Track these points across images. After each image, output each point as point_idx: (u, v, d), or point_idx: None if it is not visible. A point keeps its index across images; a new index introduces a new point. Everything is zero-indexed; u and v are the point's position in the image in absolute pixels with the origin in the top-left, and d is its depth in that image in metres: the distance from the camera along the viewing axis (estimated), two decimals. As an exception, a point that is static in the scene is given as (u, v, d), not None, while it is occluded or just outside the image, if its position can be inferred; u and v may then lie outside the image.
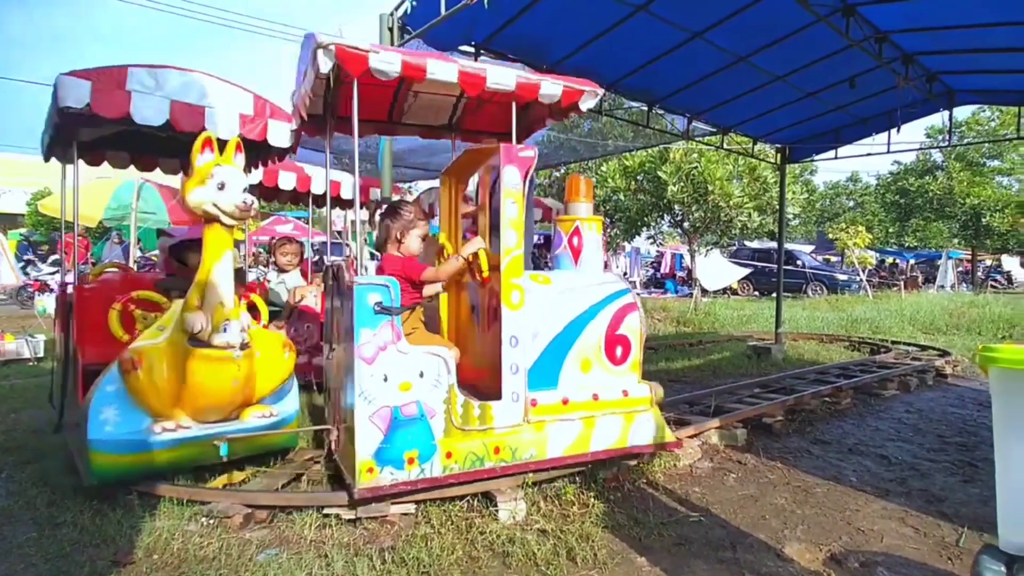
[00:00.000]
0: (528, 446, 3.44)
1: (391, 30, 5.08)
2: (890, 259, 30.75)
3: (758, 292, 22.70)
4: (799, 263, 23.00)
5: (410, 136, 4.94)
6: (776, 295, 10.15)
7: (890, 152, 8.82)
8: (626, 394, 3.76)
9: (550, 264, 4.11)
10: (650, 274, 26.98)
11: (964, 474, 4.08)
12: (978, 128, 26.35)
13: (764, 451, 4.49)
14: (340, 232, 13.18)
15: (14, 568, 2.72)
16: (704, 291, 19.03)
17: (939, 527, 3.26)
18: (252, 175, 6.41)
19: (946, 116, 8.42)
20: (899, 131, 8.30)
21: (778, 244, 10.20)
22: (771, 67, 6.46)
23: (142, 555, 2.82)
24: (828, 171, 54.31)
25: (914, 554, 2.96)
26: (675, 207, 15.22)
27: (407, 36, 5.07)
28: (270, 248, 5.51)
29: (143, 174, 6.94)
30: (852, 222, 26.95)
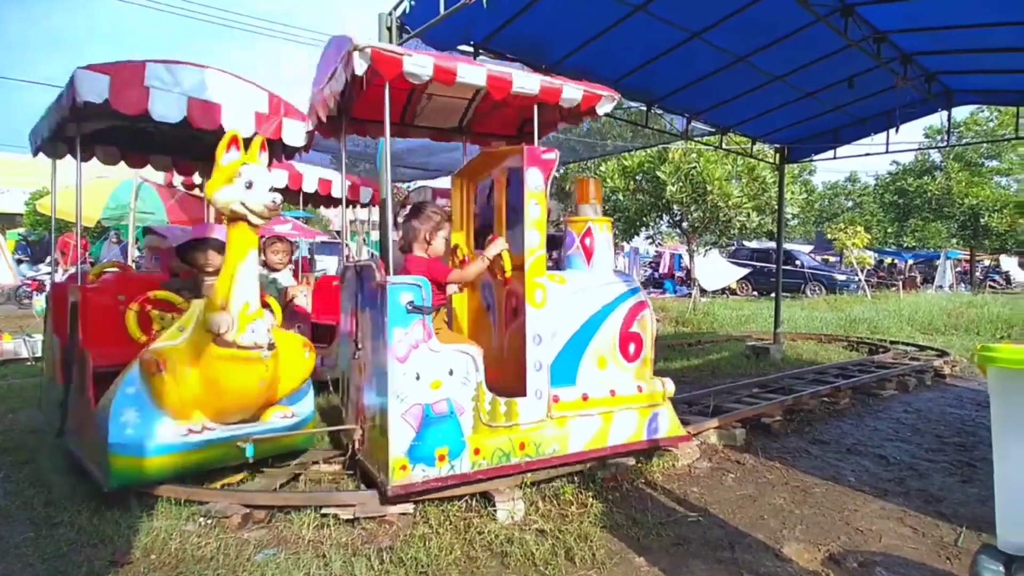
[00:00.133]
0: (551, 441, 3.55)
1: (390, 29, 5.07)
2: (888, 259, 30.79)
3: (757, 292, 22.72)
4: (798, 263, 23.02)
5: (420, 138, 4.96)
6: (775, 295, 10.16)
7: (889, 152, 8.83)
8: (640, 390, 3.89)
9: (562, 264, 4.16)
10: (649, 274, 26.97)
11: (962, 474, 4.09)
12: (976, 128, 26.35)
13: (763, 451, 4.49)
14: (339, 232, 13.17)
15: (11, 568, 2.72)
16: (703, 291, 19.04)
17: (937, 527, 3.26)
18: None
19: (944, 116, 8.43)
20: (898, 131, 8.31)
21: (777, 244, 10.20)
22: (770, 67, 6.46)
23: (140, 555, 2.81)
24: (827, 171, 54.34)
25: (912, 554, 2.96)
26: (674, 207, 15.24)
27: (406, 36, 5.06)
28: (260, 247, 5.47)
29: (138, 172, 6.90)
30: (851, 222, 26.95)
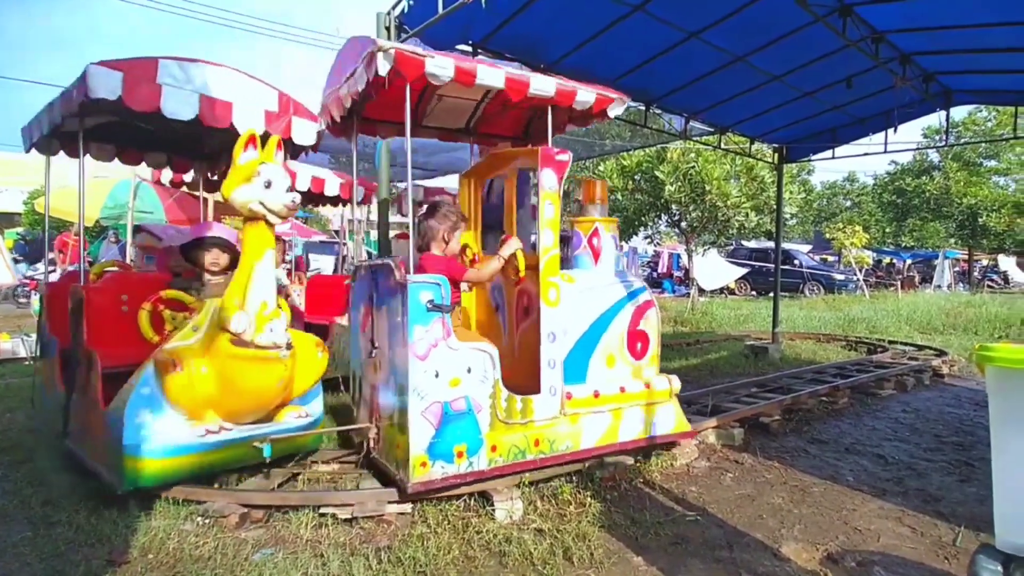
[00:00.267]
0: (565, 438, 3.62)
1: (388, 29, 5.07)
2: (887, 259, 30.79)
3: (755, 292, 22.72)
4: (796, 263, 23.02)
5: (426, 138, 4.97)
6: (773, 295, 10.15)
7: (887, 152, 8.84)
8: (648, 386, 3.98)
9: (570, 263, 4.22)
10: (647, 274, 26.95)
11: (961, 473, 4.09)
12: (975, 128, 26.38)
13: (761, 450, 4.49)
14: (337, 231, 13.16)
15: (9, 567, 2.71)
16: (701, 291, 19.05)
17: (936, 526, 3.27)
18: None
19: (943, 116, 8.43)
20: (896, 131, 8.32)
21: (775, 244, 10.20)
22: (768, 67, 6.46)
23: (137, 554, 2.81)
24: (825, 171, 54.44)
25: (911, 553, 2.96)
26: (672, 207, 15.24)
27: (404, 35, 5.06)
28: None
29: (134, 171, 6.81)
30: (849, 222, 26.96)
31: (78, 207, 3.92)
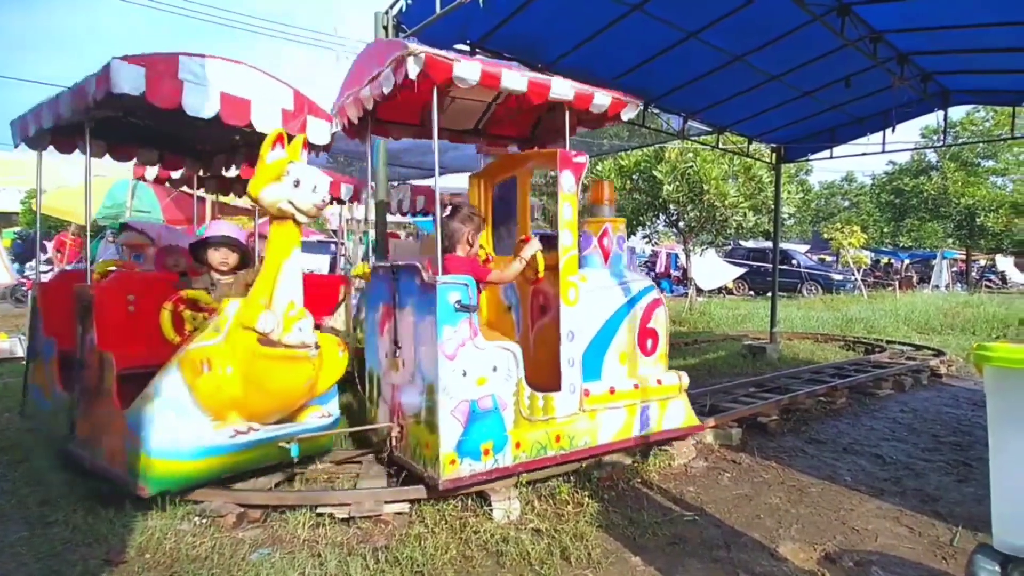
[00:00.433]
0: (584, 434, 3.72)
1: (386, 28, 5.06)
2: (885, 259, 30.85)
3: (753, 292, 22.73)
4: (794, 263, 23.04)
5: (440, 139, 4.98)
6: (771, 294, 10.16)
7: (885, 152, 8.84)
8: (660, 382, 4.10)
9: (580, 263, 4.23)
10: (645, 273, 27.00)
11: (959, 473, 4.09)
12: (973, 128, 26.45)
13: (759, 450, 4.49)
14: (335, 231, 13.14)
15: (5, 567, 2.71)
16: (699, 290, 19.06)
17: (934, 526, 3.27)
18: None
19: (941, 116, 8.44)
20: (894, 131, 8.33)
21: (773, 244, 10.20)
22: (766, 67, 6.46)
23: (134, 554, 2.80)
24: (823, 171, 54.52)
25: (908, 553, 2.96)
26: (670, 207, 15.24)
27: (402, 35, 5.05)
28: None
29: (125, 166, 6.70)
30: (847, 222, 27.02)
31: (84, 205, 3.82)
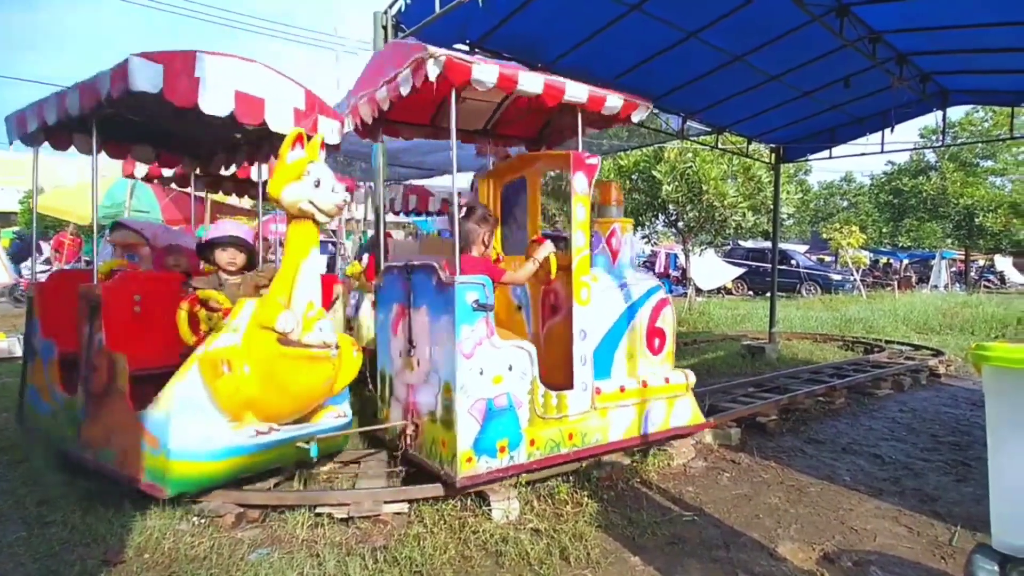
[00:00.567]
0: (595, 432, 3.78)
1: (385, 28, 5.06)
2: (884, 259, 30.86)
3: (752, 292, 22.74)
4: (793, 263, 23.05)
5: (445, 140, 5.00)
6: (770, 295, 10.17)
7: (884, 152, 8.84)
8: (667, 381, 4.17)
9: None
10: (645, 273, 26.92)
11: (957, 473, 4.09)
12: (971, 128, 26.47)
13: (758, 450, 4.49)
14: (334, 231, 13.13)
15: (3, 567, 2.70)
16: (698, 291, 19.07)
17: (932, 526, 3.27)
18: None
19: (940, 116, 8.46)
20: (893, 131, 8.33)
21: (772, 244, 10.20)
22: (766, 67, 6.46)
23: (132, 554, 2.80)
24: (822, 171, 54.58)
25: (907, 553, 2.96)
26: (670, 207, 15.23)
27: (401, 34, 5.05)
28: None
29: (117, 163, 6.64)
30: (846, 222, 27.02)
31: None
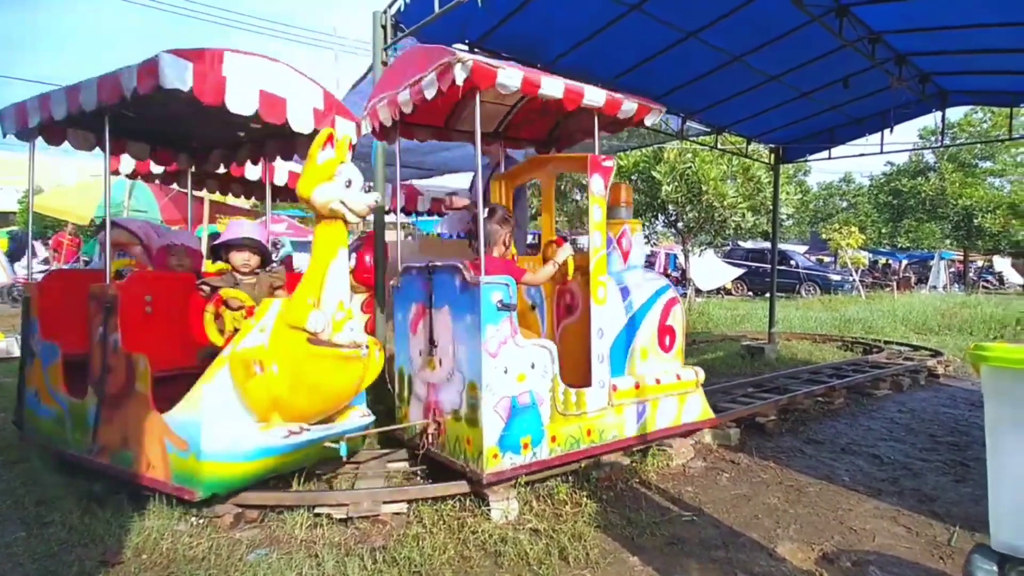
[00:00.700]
0: (612, 428, 3.87)
1: (384, 27, 5.06)
2: (883, 260, 30.89)
3: (752, 292, 22.75)
4: (793, 263, 23.07)
5: (458, 142, 5.09)
6: (770, 295, 10.17)
7: (883, 152, 8.85)
8: (679, 378, 4.27)
9: None
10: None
11: (956, 473, 4.09)
12: (970, 129, 26.52)
13: (757, 450, 4.49)
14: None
15: (2, 567, 2.70)
16: (698, 291, 19.08)
17: (931, 526, 3.27)
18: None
19: (939, 117, 8.46)
20: (892, 132, 8.34)
21: (772, 244, 10.21)
22: (765, 67, 6.47)
23: (131, 555, 2.80)
24: (821, 172, 54.57)
25: (906, 553, 2.96)
26: (669, 207, 15.25)
27: (400, 34, 5.05)
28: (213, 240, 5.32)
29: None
30: (845, 223, 27.01)
31: (105, 202, 3.76)
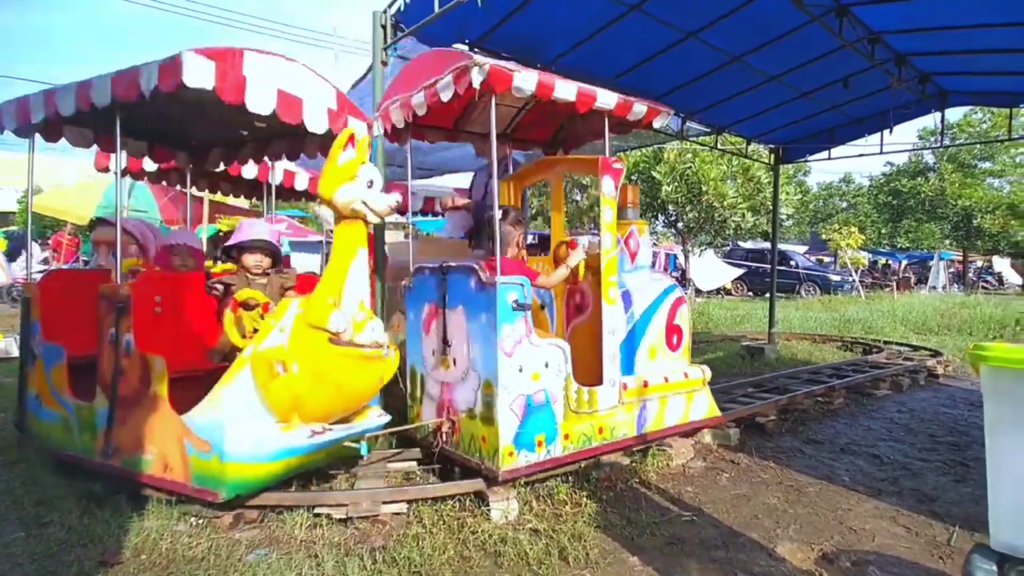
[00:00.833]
0: (623, 426, 3.92)
1: (384, 27, 5.05)
2: (882, 260, 30.91)
3: (752, 292, 22.75)
4: (792, 264, 23.08)
5: (465, 142, 5.11)
6: (769, 295, 10.17)
7: (883, 153, 8.85)
8: (686, 376, 4.32)
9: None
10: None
11: (955, 473, 4.09)
12: (970, 130, 26.54)
13: (757, 450, 4.49)
14: (332, 231, 13.11)
15: (1, 568, 2.70)
16: (698, 291, 19.10)
17: (930, 526, 3.27)
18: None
19: (938, 117, 8.46)
20: (892, 132, 8.33)
21: (772, 244, 10.20)
22: (765, 67, 6.47)
23: (130, 555, 2.79)
24: (821, 172, 54.64)
25: (905, 553, 2.96)
26: (669, 207, 15.28)
27: (400, 33, 5.04)
28: (216, 241, 5.29)
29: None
30: (845, 223, 27.05)
31: (116, 201, 3.75)
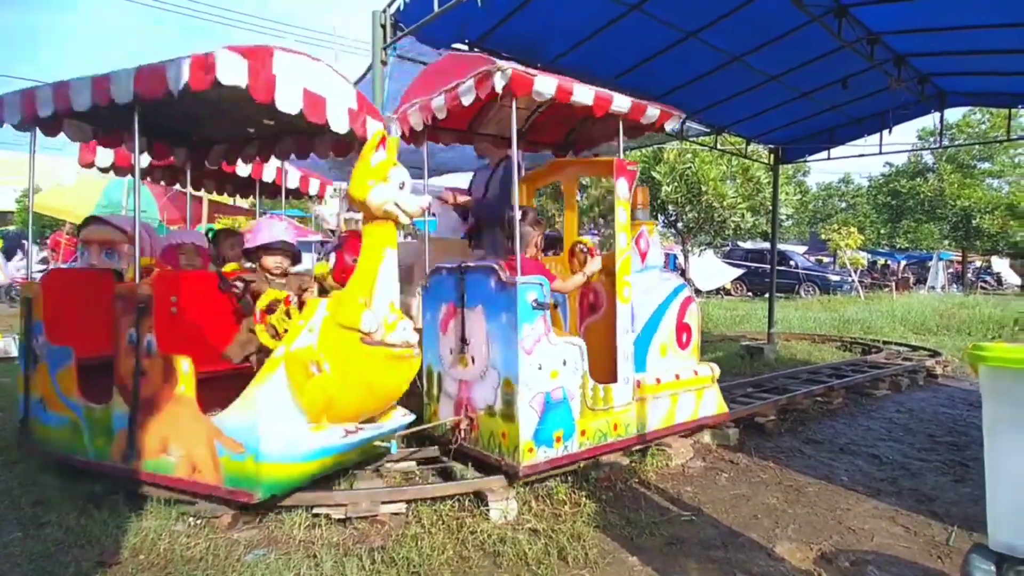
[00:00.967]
0: (636, 422, 3.99)
1: (384, 27, 5.05)
2: (882, 260, 30.94)
3: (751, 292, 22.75)
4: (792, 264, 23.08)
5: (481, 143, 5.11)
6: (769, 295, 10.18)
7: (882, 153, 8.85)
8: (696, 373, 4.41)
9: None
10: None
11: (954, 473, 4.10)
12: (969, 130, 26.57)
13: (756, 450, 4.49)
14: (333, 231, 13.13)
15: (-2, 568, 2.69)
16: (698, 291, 19.09)
17: (929, 526, 3.27)
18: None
19: (937, 118, 8.47)
20: (891, 132, 8.34)
21: (771, 245, 10.22)
22: (765, 67, 6.47)
23: (128, 555, 2.79)
24: (821, 172, 54.65)
25: (904, 553, 2.96)
26: (669, 207, 15.29)
27: (400, 33, 5.04)
28: (213, 239, 5.29)
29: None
30: (844, 223, 27.04)
31: (134, 198, 3.72)
